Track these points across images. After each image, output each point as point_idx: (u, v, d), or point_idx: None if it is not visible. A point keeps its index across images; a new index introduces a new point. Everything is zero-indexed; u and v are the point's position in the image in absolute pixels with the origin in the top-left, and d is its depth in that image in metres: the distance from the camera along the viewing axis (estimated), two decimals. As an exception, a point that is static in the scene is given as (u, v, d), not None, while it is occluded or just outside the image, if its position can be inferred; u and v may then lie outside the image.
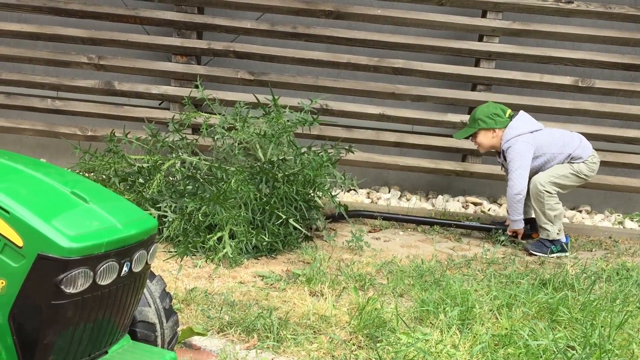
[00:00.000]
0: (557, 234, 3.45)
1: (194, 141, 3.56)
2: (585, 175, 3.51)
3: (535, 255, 3.40)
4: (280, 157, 3.21)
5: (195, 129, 4.25)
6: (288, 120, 3.40)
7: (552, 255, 3.41)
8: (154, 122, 3.63)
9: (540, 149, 3.46)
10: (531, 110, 4.36)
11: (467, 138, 3.68)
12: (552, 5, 4.23)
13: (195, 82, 4.39)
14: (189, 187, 3.17)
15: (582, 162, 3.49)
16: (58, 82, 4.36)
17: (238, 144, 3.31)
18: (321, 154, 3.35)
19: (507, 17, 4.31)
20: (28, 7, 4.32)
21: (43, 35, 4.34)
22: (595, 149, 3.56)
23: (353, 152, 3.59)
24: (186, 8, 4.33)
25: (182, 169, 3.23)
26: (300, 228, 3.12)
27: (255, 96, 3.80)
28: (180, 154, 3.36)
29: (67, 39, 4.34)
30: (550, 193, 3.44)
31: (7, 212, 1.22)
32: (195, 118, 3.59)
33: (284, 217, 3.01)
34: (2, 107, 4.42)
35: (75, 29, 4.33)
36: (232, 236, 2.93)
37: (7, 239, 1.21)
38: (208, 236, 2.87)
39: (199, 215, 2.90)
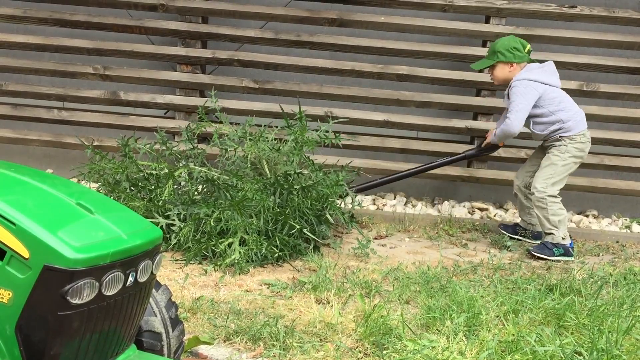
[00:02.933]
0: (563, 239, 3.43)
1: (203, 151, 3.58)
2: (574, 156, 3.47)
3: (539, 257, 3.39)
4: (298, 171, 3.25)
5: (203, 139, 4.27)
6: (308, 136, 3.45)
7: (556, 258, 3.39)
8: (164, 131, 3.64)
9: (541, 101, 3.45)
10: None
11: (482, 70, 3.62)
12: (555, 10, 4.23)
13: (202, 91, 4.43)
14: (199, 195, 3.18)
15: (569, 139, 3.44)
16: (64, 92, 4.39)
17: (248, 157, 3.33)
18: (337, 172, 3.44)
19: (511, 23, 4.31)
20: (34, 19, 4.35)
21: (49, 46, 4.37)
22: (601, 154, 3.56)
23: (359, 174, 3.72)
24: (190, 18, 4.36)
25: (201, 175, 3.24)
26: (315, 239, 3.15)
27: (280, 106, 3.84)
28: (190, 162, 3.38)
29: (73, 49, 4.37)
30: (553, 197, 3.42)
31: (13, 224, 1.23)
32: (205, 128, 3.61)
33: (297, 227, 3.03)
34: (8, 118, 4.45)
35: (80, 40, 4.36)
36: (241, 244, 2.93)
37: (14, 250, 1.22)
38: (220, 240, 2.88)
39: (211, 221, 2.91)
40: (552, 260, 3.38)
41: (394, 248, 3.49)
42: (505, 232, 3.77)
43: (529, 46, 3.54)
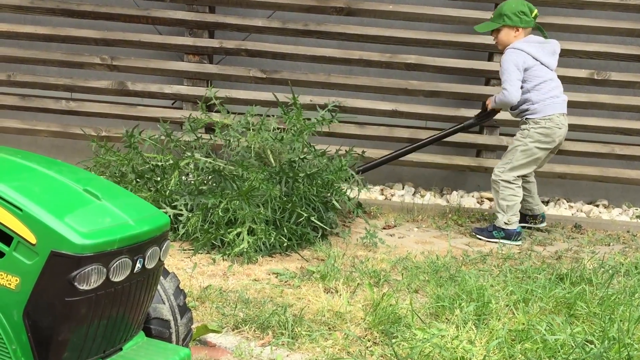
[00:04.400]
0: (505, 223, 3.43)
1: (208, 141, 3.57)
2: (538, 141, 3.38)
3: (479, 238, 3.47)
4: (301, 157, 3.23)
5: (209, 129, 4.26)
6: (307, 119, 3.42)
7: (494, 240, 3.42)
8: (169, 122, 3.63)
9: (525, 75, 3.40)
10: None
11: (487, 33, 3.61)
12: (566, -3, 4.18)
13: (210, 81, 4.42)
14: (205, 185, 3.17)
15: (533, 123, 3.38)
16: (72, 83, 4.39)
17: (252, 147, 3.31)
18: (340, 157, 3.40)
19: (521, 10, 4.26)
20: (41, 9, 4.35)
21: (56, 37, 4.37)
22: (612, 143, 3.51)
23: (364, 156, 3.68)
24: (197, 7, 4.34)
25: (206, 165, 3.23)
26: (324, 227, 3.14)
27: (274, 95, 3.82)
28: (196, 153, 3.37)
29: (80, 40, 4.36)
30: (507, 182, 3.41)
31: (20, 209, 1.22)
32: (210, 119, 3.60)
33: (305, 215, 3.02)
34: (17, 109, 4.46)
35: (88, 30, 4.36)
36: (249, 233, 2.93)
37: (21, 236, 1.22)
38: (228, 229, 2.87)
39: (219, 211, 2.90)
40: (490, 242, 3.42)
41: (403, 238, 3.47)
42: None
43: (536, 11, 3.48)
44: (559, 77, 4.27)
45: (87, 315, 1.24)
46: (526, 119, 3.44)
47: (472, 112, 4.31)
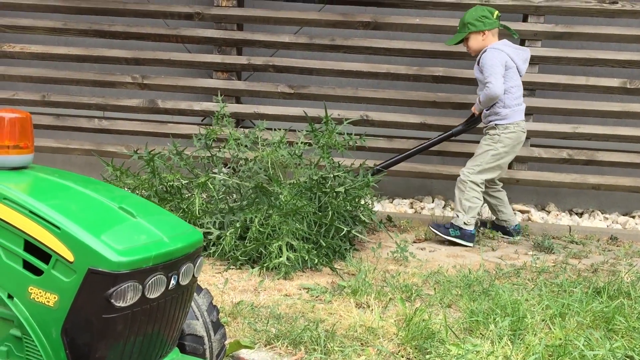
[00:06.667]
0: (465, 223, 3.49)
1: (224, 153, 3.53)
2: (506, 146, 3.53)
3: (435, 233, 3.55)
4: (334, 174, 3.25)
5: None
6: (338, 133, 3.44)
7: (448, 238, 3.50)
8: (205, 137, 3.63)
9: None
10: (578, 114, 4.28)
11: (458, 44, 3.72)
12: (595, 6, 4.13)
13: (239, 97, 4.46)
14: (236, 203, 3.19)
15: (503, 128, 3.51)
16: (104, 102, 4.48)
17: (269, 162, 3.32)
18: (367, 172, 3.46)
19: (550, 20, 4.23)
20: (74, 31, 4.46)
21: (89, 57, 4.47)
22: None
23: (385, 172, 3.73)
24: (226, 25, 4.40)
25: (240, 179, 3.24)
26: (364, 237, 3.20)
27: (304, 112, 3.84)
28: (219, 170, 3.38)
29: (112, 60, 4.46)
30: (474, 184, 3.50)
31: (58, 228, 1.24)
32: (221, 132, 3.56)
33: (346, 229, 3.05)
34: (52, 129, 4.56)
35: (119, 50, 4.45)
36: (288, 249, 2.93)
37: (59, 254, 1.24)
38: (270, 241, 2.88)
39: (257, 226, 2.91)
40: (445, 239, 3.52)
41: (434, 251, 3.44)
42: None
43: (497, 12, 3.60)
44: (590, 87, 4.24)
45: (123, 332, 1.26)
46: (496, 124, 3.56)
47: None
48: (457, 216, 3.53)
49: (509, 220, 3.77)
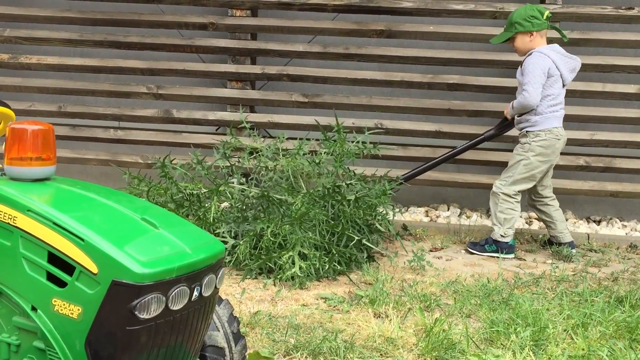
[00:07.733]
0: (502, 236, 3.43)
1: (243, 163, 3.55)
2: (539, 154, 3.42)
3: (473, 253, 3.49)
4: (347, 182, 3.24)
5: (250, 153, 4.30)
6: (350, 141, 3.43)
7: (485, 254, 3.46)
8: (215, 147, 3.65)
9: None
10: (595, 120, 4.24)
11: (504, 42, 3.61)
12: (612, 12, 4.10)
13: (253, 106, 4.47)
14: (250, 211, 3.18)
15: (533, 135, 3.42)
16: (119, 112, 4.50)
17: (288, 172, 3.32)
18: (383, 182, 3.42)
19: (565, 27, 4.19)
20: (90, 42, 4.49)
21: (104, 68, 4.50)
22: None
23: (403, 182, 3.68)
24: (240, 35, 4.42)
25: (249, 193, 3.24)
26: (376, 248, 3.16)
27: (316, 120, 3.83)
28: (234, 180, 3.39)
29: (127, 70, 4.48)
30: (507, 195, 3.43)
31: (82, 239, 1.24)
32: (240, 142, 3.58)
33: (357, 238, 3.03)
34: (68, 139, 4.58)
35: (134, 61, 4.48)
36: (300, 258, 2.92)
37: (83, 266, 1.24)
38: (282, 253, 2.87)
39: (269, 235, 2.91)
40: (483, 256, 3.45)
41: (451, 260, 3.41)
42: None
43: (547, 12, 3.47)
44: (607, 93, 4.20)
45: (147, 344, 1.25)
46: (527, 131, 3.47)
47: (517, 131, 4.24)
48: (494, 229, 3.48)
49: (559, 236, 3.58)
